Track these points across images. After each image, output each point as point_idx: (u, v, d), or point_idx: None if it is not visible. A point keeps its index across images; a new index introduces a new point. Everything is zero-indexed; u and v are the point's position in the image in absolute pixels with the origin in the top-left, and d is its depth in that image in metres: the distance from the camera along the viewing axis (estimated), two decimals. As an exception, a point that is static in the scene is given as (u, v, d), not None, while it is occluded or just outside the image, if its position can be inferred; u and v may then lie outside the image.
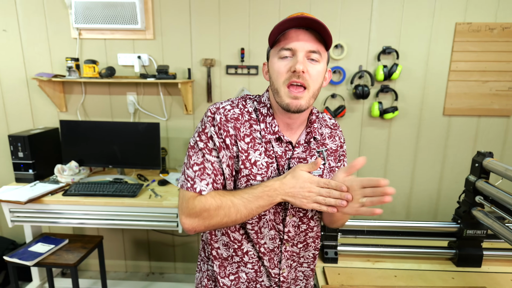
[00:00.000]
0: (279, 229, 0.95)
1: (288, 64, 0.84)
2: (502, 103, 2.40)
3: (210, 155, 0.88)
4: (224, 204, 0.85)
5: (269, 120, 0.92)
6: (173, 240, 2.70)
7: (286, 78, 0.84)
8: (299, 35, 0.83)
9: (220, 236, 0.98)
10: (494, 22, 2.28)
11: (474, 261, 1.46)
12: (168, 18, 2.32)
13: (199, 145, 0.88)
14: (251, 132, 0.90)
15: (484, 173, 1.41)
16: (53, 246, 1.98)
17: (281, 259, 0.98)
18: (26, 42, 2.38)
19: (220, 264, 0.99)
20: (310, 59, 0.84)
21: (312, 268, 1.08)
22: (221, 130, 0.88)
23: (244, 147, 0.89)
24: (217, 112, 0.89)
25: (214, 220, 0.86)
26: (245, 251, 0.96)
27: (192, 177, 0.87)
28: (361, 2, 2.27)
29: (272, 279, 0.99)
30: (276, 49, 0.86)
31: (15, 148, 2.18)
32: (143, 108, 2.47)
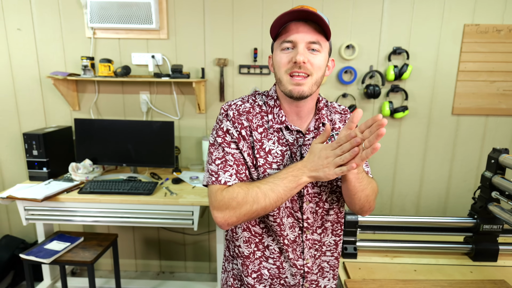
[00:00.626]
0: (298, 217, 0.97)
1: (289, 55, 0.87)
2: (509, 103, 2.44)
3: (229, 147, 0.91)
4: (251, 190, 0.85)
5: (276, 111, 0.96)
6: (184, 239, 2.72)
7: (288, 68, 0.88)
8: (298, 27, 0.86)
9: (241, 233, 0.99)
10: (501, 23, 2.33)
11: (490, 255, 1.48)
12: (182, 18, 2.35)
13: (218, 140, 0.92)
14: (263, 123, 0.95)
15: (500, 169, 1.44)
16: (69, 244, 1.99)
17: (303, 248, 1.00)
18: (40, 41, 2.40)
19: (242, 263, 1.01)
20: (311, 50, 0.87)
21: (336, 257, 1.08)
22: (236, 123, 0.92)
23: (258, 137, 0.93)
24: (229, 109, 0.94)
25: (244, 209, 0.85)
26: (266, 245, 0.98)
27: (216, 170, 0.90)
28: (372, 3, 2.32)
29: (297, 272, 1.00)
30: (278, 42, 0.90)
31: (30, 146, 2.19)
32: (156, 107, 2.49)
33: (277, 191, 0.84)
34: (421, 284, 1.29)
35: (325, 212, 1.01)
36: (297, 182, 0.85)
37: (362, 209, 1.00)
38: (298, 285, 1.02)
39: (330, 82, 2.43)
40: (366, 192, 0.95)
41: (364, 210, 1.01)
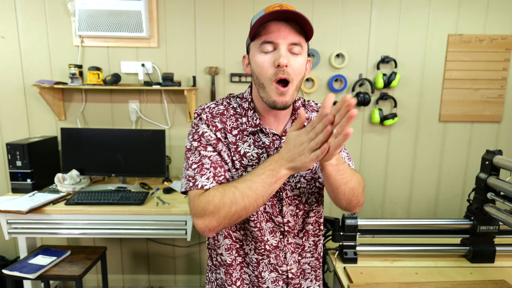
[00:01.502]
0: (278, 221, 0.94)
1: (271, 58, 0.83)
2: (493, 110, 2.52)
3: (205, 150, 0.88)
4: (227, 191, 0.80)
5: (250, 114, 0.93)
6: (174, 252, 2.63)
7: (272, 73, 0.83)
8: (280, 27, 0.81)
9: (222, 240, 0.95)
10: (483, 34, 2.43)
11: (488, 256, 1.50)
12: (173, 27, 2.34)
13: (194, 144, 0.89)
14: (237, 125, 0.92)
15: (494, 170, 1.47)
16: (55, 258, 1.89)
17: (286, 253, 0.97)
18: (25, 49, 2.33)
19: (225, 271, 0.97)
20: (291, 52, 0.83)
21: (317, 257, 1.05)
22: (210, 126, 0.90)
23: (232, 139, 0.91)
24: (203, 112, 0.92)
25: (222, 212, 0.79)
26: (246, 251, 0.96)
27: (192, 175, 0.86)
28: (360, 14, 2.38)
29: (279, 277, 0.97)
30: (257, 42, 0.85)
31: (13, 156, 2.10)
32: (145, 116, 2.44)
33: (255, 189, 0.78)
34: (425, 286, 1.28)
35: (305, 214, 0.99)
36: (276, 176, 0.78)
37: (350, 204, 0.95)
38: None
39: (321, 90, 2.46)
40: (351, 184, 0.90)
41: (352, 205, 0.96)
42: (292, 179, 0.95)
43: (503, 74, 2.48)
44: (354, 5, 2.37)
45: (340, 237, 1.50)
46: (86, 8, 2.21)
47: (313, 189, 0.98)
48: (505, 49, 2.45)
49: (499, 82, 2.49)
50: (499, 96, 2.51)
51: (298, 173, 0.95)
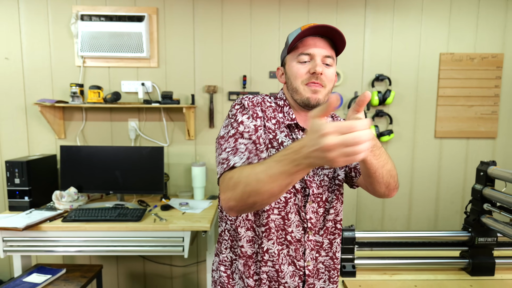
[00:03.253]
0: (303, 216, 0.98)
1: (307, 67, 0.93)
2: (487, 126, 2.56)
3: (242, 138, 0.89)
4: (245, 170, 0.78)
5: (286, 110, 1.00)
6: (171, 272, 2.59)
7: (305, 78, 0.93)
8: (316, 42, 0.93)
9: (245, 232, 0.98)
10: (474, 52, 2.50)
11: (487, 269, 1.48)
12: (172, 47, 2.42)
13: (231, 132, 0.91)
14: (275, 116, 0.99)
15: (489, 181, 1.48)
16: (50, 276, 1.86)
17: (305, 249, 0.99)
18: (28, 69, 2.39)
19: (244, 263, 0.99)
20: (325, 64, 0.94)
21: (331, 257, 1.06)
22: (251, 112, 0.94)
23: (272, 127, 0.97)
24: (243, 100, 0.98)
25: (239, 190, 0.77)
26: (265, 249, 0.97)
27: (226, 157, 0.87)
28: (354, 34, 2.46)
29: (296, 272, 0.99)
30: (294, 54, 0.96)
31: (12, 174, 2.11)
32: (144, 134, 2.47)
33: (271, 174, 0.70)
34: (424, 298, 1.26)
35: (326, 212, 1.03)
36: (296, 168, 0.67)
37: (389, 187, 0.96)
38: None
39: (317, 108, 2.50)
40: (387, 167, 0.92)
41: (390, 188, 0.97)
42: (317, 178, 1.00)
43: (496, 91, 2.53)
44: (348, 26, 2.45)
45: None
46: (89, 30, 2.29)
47: (333, 187, 1.04)
48: (496, 67, 2.52)
49: (492, 99, 2.54)
50: (492, 113, 2.55)
51: (322, 172, 1.01)
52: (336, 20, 2.45)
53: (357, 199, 2.60)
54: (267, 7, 2.42)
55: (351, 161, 0.59)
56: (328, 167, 1.02)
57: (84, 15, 2.31)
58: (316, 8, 2.44)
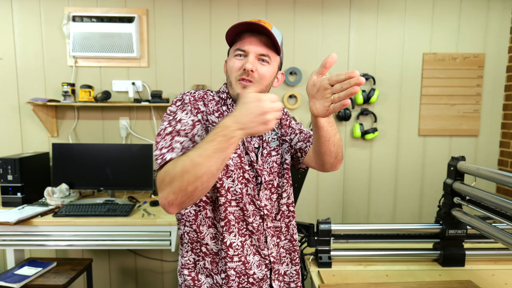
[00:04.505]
0: (258, 205, 1.01)
1: (241, 62, 0.96)
2: (470, 124, 2.63)
3: (178, 136, 0.88)
4: (179, 160, 0.79)
5: (230, 102, 1.03)
6: (162, 267, 2.65)
7: (238, 74, 0.96)
8: (252, 39, 0.95)
9: (207, 229, 1.00)
10: (456, 52, 2.57)
11: (458, 260, 1.55)
12: (162, 47, 2.48)
13: (167, 130, 0.90)
14: (218, 108, 1.01)
15: (459, 175, 1.55)
16: (41, 269, 1.93)
17: (266, 237, 1.03)
18: (21, 69, 2.45)
19: (211, 260, 1.01)
20: (260, 60, 0.96)
21: (290, 239, 1.10)
22: (192, 108, 0.95)
23: (216, 120, 0.98)
24: (184, 95, 0.98)
25: (176, 181, 0.77)
26: (228, 244, 0.98)
27: (159, 154, 0.86)
28: (339, 35, 2.53)
29: (261, 261, 1.02)
30: (233, 49, 0.99)
31: (5, 170, 2.17)
32: (135, 132, 2.54)
33: (206, 155, 0.75)
34: (392, 286, 1.33)
35: (279, 196, 1.07)
36: (229, 142, 0.75)
37: (337, 158, 1.02)
38: (266, 278, 1.04)
39: (303, 106, 2.57)
40: (338, 136, 0.98)
41: (338, 159, 1.03)
42: (266, 165, 1.04)
43: (477, 90, 2.60)
44: (333, 26, 2.52)
45: (315, 242, 1.55)
46: (80, 30, 2.36)
47: (282, 172, 1.08)
48: (478, 66, 2.58)
49: (474, 98, 2.61)
50: (475, 111, 2.62)
51: (270, 159, 1.05)
52: (322, 20, 2.52)
53: (344, 196, 2.67)
54: (254, 8, 2.49)
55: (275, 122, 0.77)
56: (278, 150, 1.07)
57: (76, 16, 2.37)
58: (302, 9, 2.50)
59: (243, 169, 0.99)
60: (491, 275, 1.46)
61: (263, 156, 1.04)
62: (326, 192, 2.66)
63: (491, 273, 1.47)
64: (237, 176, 0.98)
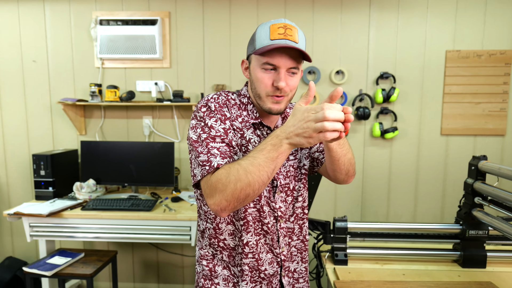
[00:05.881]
0: (273, 206, 1.04)
1: (271, 77, 0.93)
2: (495, 123, 2.54)
3: (214, 142, 0.92)
4: (232, 168, 0.84)
5: (250, 108, 1.03)
6: (182, 261, 2.73)
7: (270, 90, 0.94)
8: (282, 55, 0.91)
9: (225, 226, 1.04)
10: (481, 49, 2.50)
11: (479, 261, 1.52)
12: (183, 49, 2.56)
13: (202, 136, 0.93)
14: (241, 113, 1.02)
15: (480, 175, 1.52)
16: (70, 259, 2.04)
17: (278, 237, 1.06)
18: (53, 71, 2.60)
19: (229, 254, 1.06)
20: (289, 73, 0.94)
21: (302, 240, 1.14)
22: (219, 115, 0.96)
23: (239, 125, 1.00)
24: (209, 102, 0.98)
25: (229, 189, 0.83)
26: (245, 242, 1.03)
27: (206, 159, 0.90)
28: (359, 33, 2.51)
29: (273, 259, 1.07)
30: (260, 59, 0.93)
31: (38, 166, 2.31)
32: (157, 131, 2.63)
33: (258, 164, 0.81)
34: (408, 285, 1.33)
35: (295, 200, 1.10)
36: (278, 151, 0.81)
37: (348, 174, 1.08)
38: (277, 274, 1.08)
39: (322, 105, 2.57)
40: (349, 155, 1.03)
41: (349, 175, 1.09)
42: (283, 169, 1.06)
43: (504, 88, 2.52)
44: (352, 25, 2.51)
45: (331, 239, 1.57)
46: (107, 34, 2.47)
47: (299, 176, 1.11)
48: (505, 63, 2.50)
49: (501, 96, 2.53)
50: (501, 110, 2.54)
51: (288, 163, 1.07)
52: (341, 19, 2.51)
53: (362, 195, 2.65)
54: (273, 8, 2.52)
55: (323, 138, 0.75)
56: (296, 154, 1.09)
57: (103, 20, 2.49)
58: (321, 8, 2.51)
59: None
60: (514, 277, 1.42)
61: None
62: (344, 191, 2.65)
63: (513, 275, 1.43)
64: None
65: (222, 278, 1.08)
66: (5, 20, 2.57)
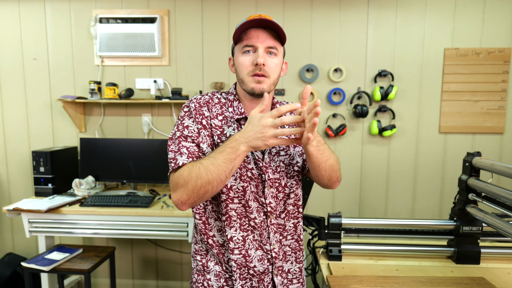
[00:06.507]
0: (262, 201, 1.05)
1: (251, 58, 0.98)
2: (494, 121, 2.54)
3: (185, 141, 0.98)
4: (194, 166, 0.90)
5: (236, 104, 1.06)
6: (181, 258, 2.75)
7: (250, 70, 0.98)
8: (259, 34, 0.97)
9: (214, 222, 1.06)
10: (479, 47, 2.49)
11: (472, 258, 1.52)
12: (182, 47, 2.57)
13: (176, 134, 1.01)
14: (222, 112, 1.05)
15: (474, 171, 1.52)
16: (68, 255, 2.06)
17: (269, 233, 1.07)
18: (53, 69, 2.62)
19: (218, 252, 1.07)
20: (269, 53, 0.99)
21: (296, 239, 1.15)
22: (197, 115, 1.02)
23: (218, 124, 1.03)
24: (190, 103, 1.05)
25: (190, 185, 0.89)
26: (229, 237, 1.04)
27: (173, 156, 0.97)
28: (357, 30, 2.52)
29: (264, 256, 1.06)
30: (239, 46, 1.00)
31: (38, 163, 2.33)
32: (156, 128, 2.65)
33: (217, 164, 0.88)
34: (400, 280, 1.33)
35: (286, 196, 1.10)
36: (236, 153, 0.88)
37: (331, 180, 1.09)
38: (267, 271, 1.08)
39: (320, 103, 2.58)
40: (330, 162, 1.04)
41: (332, 181, 1.10)
42: (273, 163, 1.07)
43: (503, 86, 2.51)
44: (351, 23, 2.52)
45: (325, 235, 1.58)
46: (106, 31, 2.49)
47: (291, 173, 1.11)
48: (503, 61, 2.49)
49: (499, 94, 2.52)
50: (500, 108, 2.53)
51: (278, 158, 1.08)
52: (339, 17, 2.52)
53: (360, 193, 2.66)
54: (271, 7, 2.52)
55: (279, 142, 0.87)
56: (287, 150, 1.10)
57: (103, 18, 2.51)
58: (319, 6, 2.52)
59: (246, 167, 1.03)
60: (507, 273, 1.42)
61: (271, 154, 1.07)
62: (342, 189, 2.66)
63: (506, 272, 1.44)
64: (239, 174, 1.02)
65: (214, 273, 1.09)
66: (6, 18, 2.59)
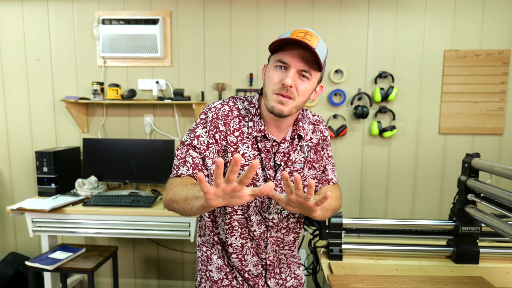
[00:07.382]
0: (265, 216, 1.06)
1: (280, 75, 0.93)
2: (493, 122, 2.56)
3: (193, 150, 0.99)
4: (179, 189, 0.90)
5: (257, 120, 1.02)
6: (183, 258, 2.77)
7: (276, 88, 0.93)
8: (294, 53, 0.91)
9: (221, 222, 1.09)
10: (479, 49, 2.51)
11: (472, 258, 1.54)
12: (184, 48, 2.59)
13: (187, 141, 1.01)
14: (240, 127, 1.02)
15: (473, 172, 1.54)
16: (71, 254, 2.08)
17: (267, 244, 1.10)
18: (56, 69, 2.64)
19: (222, 248, 1.11)
20: (301, 76, 0.93)
21: (293, 250, 1.20)
22: (212, 127, 0.99)
23: (234, 140, 1.00)
24: (209, 111, 1.02)
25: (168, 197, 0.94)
26: (229, 243, 1.08)
27: (177, 164, 1.00)
28: (358, 32, 2.54)
29: (258, 262, 1.11)
30: (274, 57, 0.95)
31: (41, 163, 2.35)
32: (158, 129, 2.67)
33: (192, 205, 0.83)
34: (400, 279, 1.35)
35: (292, 215, 1.11)
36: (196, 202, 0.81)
37: (325, 218, 1.11)
38: (261, 276, 1.12)
39: (321, 104, 2.60)
40: (331, 207, 1.07)
41: (327, 218, 1.12)
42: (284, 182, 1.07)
43: (502, 87, 2.53)
44: (351, 24, 2.54)
45: (326, 234, 1.60)
46: (109, 33, 2.51)
47: None
48: (503, 63, 2.51)
49: (499, 95, 2.54)
50: (499, 109, 2.55)
51: (291, 178, 1.05)
52: (340, 19, 2.54)
53: (361, 193, 2.68)
54: (273, 8, 2.55)
55: None
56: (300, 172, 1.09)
57: (105, 19, 2.53)
58: (320, 8, 2.54)
59: (254, 185, 1.02)
60: (505, 273, 1.44)
61: (280, 171, 1.06)
62: (342, 189, 2.63)
63: (505, 271, 1.46)
64: None
65: (216, 266, 1.13)
66: (10, 19, 2.61)
